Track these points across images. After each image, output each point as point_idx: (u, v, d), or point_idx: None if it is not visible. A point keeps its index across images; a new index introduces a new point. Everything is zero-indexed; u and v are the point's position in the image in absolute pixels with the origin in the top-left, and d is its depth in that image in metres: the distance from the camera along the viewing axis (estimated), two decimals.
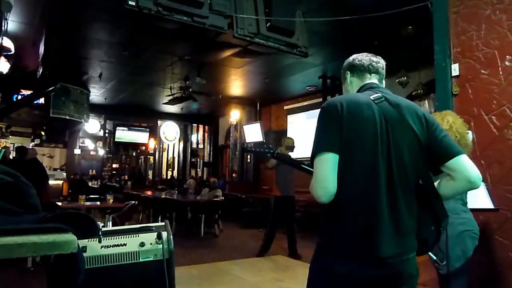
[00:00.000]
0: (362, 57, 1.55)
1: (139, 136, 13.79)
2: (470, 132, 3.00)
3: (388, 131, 1.33)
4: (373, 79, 1.52)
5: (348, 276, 1.25)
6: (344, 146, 1.29)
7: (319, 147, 1.31)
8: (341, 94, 1.58)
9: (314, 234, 6.23)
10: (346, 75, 1.57)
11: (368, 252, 1.25)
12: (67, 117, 8.89)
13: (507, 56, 2.84)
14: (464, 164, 1.33)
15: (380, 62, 1.55)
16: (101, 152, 14.69)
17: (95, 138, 14.47)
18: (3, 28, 5.00)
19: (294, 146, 5.74)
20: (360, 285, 1.27)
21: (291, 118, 10.29)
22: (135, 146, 14.79)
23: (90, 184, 12.29)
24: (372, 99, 1.37)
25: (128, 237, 1.77)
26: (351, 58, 1.58)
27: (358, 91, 1.49)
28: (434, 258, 1.57)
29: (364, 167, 1.30)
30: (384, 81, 1.56)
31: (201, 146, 14.93)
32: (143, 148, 15.18)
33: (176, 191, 9.50)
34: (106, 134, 13.84)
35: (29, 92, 9.55)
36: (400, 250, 1.28)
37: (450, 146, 1.36)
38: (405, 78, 6.53)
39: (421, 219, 1.36)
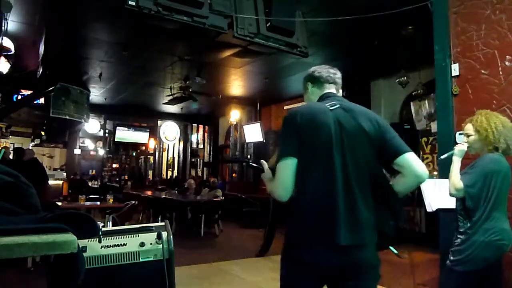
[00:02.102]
0: (321, 69, 1.72)
1: (139, 136, 13.77)
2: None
3: (343, 134, 1.47)
4: (331, 89, 1.68)
5: (313, 265, 1.40)
6: (304, 150, 1.45)
7: (281, 154, 1.48)
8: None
9: None
10: (307, 85, 1.74)
11: (328, 239, 1.38)
12: (67, 117, 8.89)
13: (507, 56, 2.84)
14: (411, 161, 1.47)
15: (337, 74, 1.72)
16: (101, 152, 14.69)
17: (95, 138, 14.47)
18: (3, 28, 5.00)
19: None
20: (324, 273, 1.41)
21: None
22: (135, 146, 14.78)
23: (90, 184, 12.28)
24: (327, 106, 1.54)
25: (128, 237, 1.78)
26: (311, 70, 1.75)
27: (318, 100, 1.66)
28: (396, 252, 1.64)
29: (322, 166, 1.45)
30: (341, 90, 1.73)
31: (201, 146, 14.92)
32: (143, 148, 15.17)
33: (176, 191, 9.51)
34: (106, 134, 13.83)
35: (29, 92, 9.55)
36: (357, 240, 1.40)
37: (399, 145, 1.50)
38: (405, 78, 6.53)
39: (380, 215, 1.49)
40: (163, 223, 1.98)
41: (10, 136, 13.87)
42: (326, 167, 1.44)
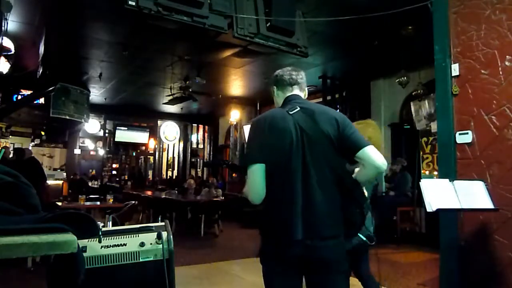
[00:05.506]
0: (284, 73, 1.82)
1: (139, 136, 13.76)
2: (470, 131, 3.00)
3: (303, 136, 1.59)
4: (294, 91, 1.79)
5: (280, 255, 1.55)
6: (269, 155, 1.58)
7: (249, 160, 1.61)
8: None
9: None
10: (273, 89, 1.86)
11: (285, 235, 1.54)
12: (67, 117, 8.88)
13: (507, 56, 2.84)
14: (370, 154, 1.58)
15: (299, 74, 1.82)
16: (101, 152, 14.68)
17: (95, 138, 14.46)
18: (3, 28, 5.00)
19: None
20: (292, 264, 1.55)
21: None
22: (135, 146, 14.76)
23: (90, 184, 12.27)
24: (287, 111, 1.66)
25: (128, 237, 1.78)
26: (275, 73, 1.85)
27: (283, 103, 1.77)
28: (364, 239, 1.72)
29: (284, 170, 1.57)
30: (306, 89, 1.84)
31: (201, 146, 14.92)
32: (143, 148, 15.15)
33: (176, 191, 9.50)
34: (106, 134, 13.82)
35: (29, 92, 9.54)
36: (313, 233, 1.53)
37: (358, 140, 1.61)
38: (405, 78, 6.52)
39: (347, 205, 1.62)
40: (163, 223, 1.98)
41: (10, 136, 13.85)
42: (287, 170, 1.57)
